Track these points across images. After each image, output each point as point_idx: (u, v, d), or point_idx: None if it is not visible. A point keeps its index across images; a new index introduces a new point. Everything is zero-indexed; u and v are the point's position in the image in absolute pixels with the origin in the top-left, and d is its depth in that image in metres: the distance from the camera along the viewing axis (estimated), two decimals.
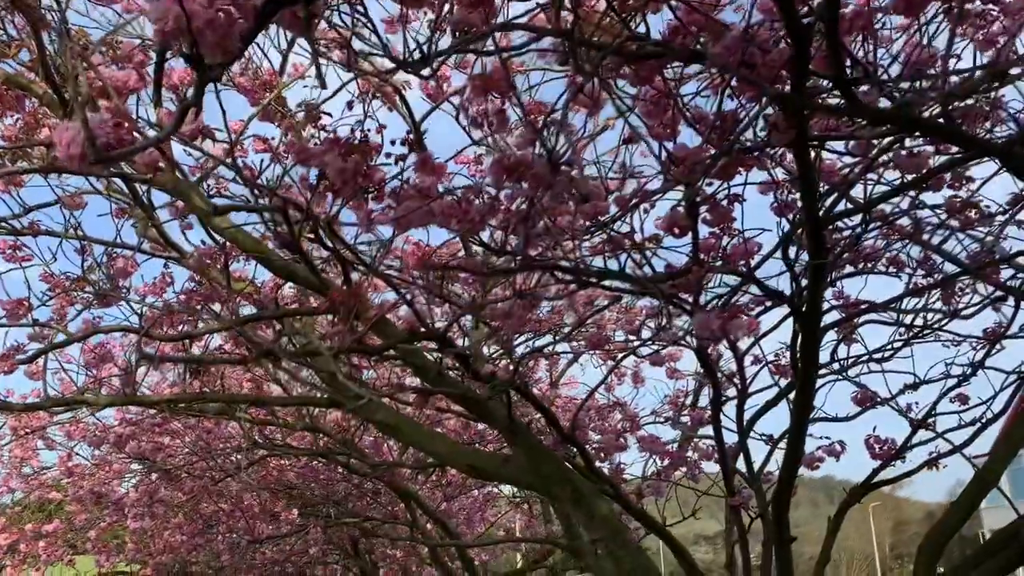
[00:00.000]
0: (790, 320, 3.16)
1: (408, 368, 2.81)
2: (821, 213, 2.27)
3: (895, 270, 3.04)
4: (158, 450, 4.71)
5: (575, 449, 2.93)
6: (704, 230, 2.20)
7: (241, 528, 5.46)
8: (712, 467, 4.02)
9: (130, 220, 3.66)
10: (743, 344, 3.35)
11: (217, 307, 3.45)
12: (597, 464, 3.30)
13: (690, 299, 2.58)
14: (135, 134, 1.37)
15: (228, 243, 2.78)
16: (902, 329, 3.33)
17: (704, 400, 5.03)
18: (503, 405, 2.92)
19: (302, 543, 6.84)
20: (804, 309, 2.41)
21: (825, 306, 2.70)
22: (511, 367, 2.57)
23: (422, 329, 2.16)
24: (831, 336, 3.54)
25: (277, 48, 3.07)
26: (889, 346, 3.42)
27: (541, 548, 5.99)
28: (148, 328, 2.81)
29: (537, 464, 2.86)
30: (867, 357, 3.45)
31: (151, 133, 2.43)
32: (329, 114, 1.55)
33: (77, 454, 5.39)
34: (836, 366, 3.49)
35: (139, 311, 3.09)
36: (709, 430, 4.37)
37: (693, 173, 1.93)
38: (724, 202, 2.13)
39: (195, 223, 2.90)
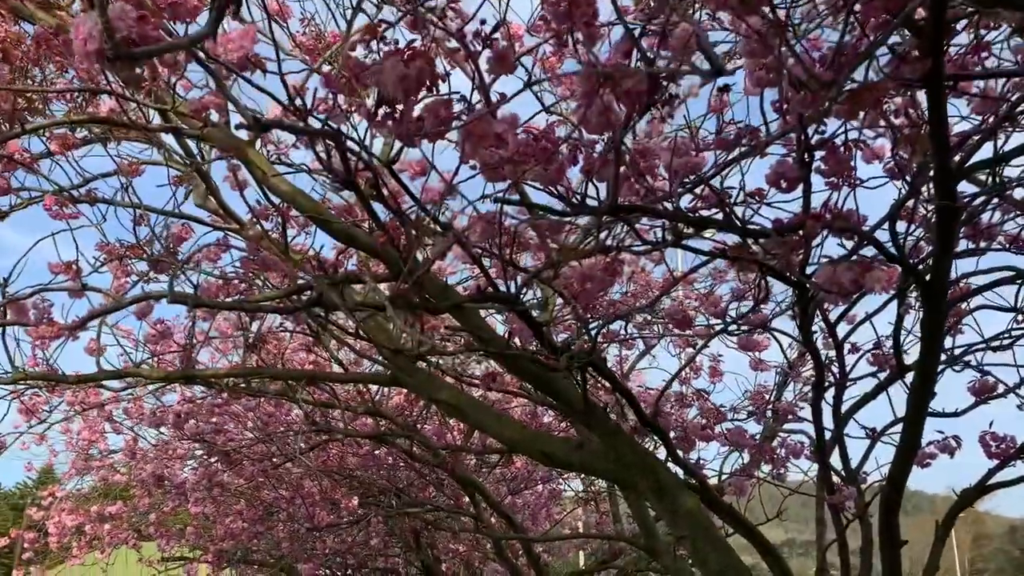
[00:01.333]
0: (893, 304, 2.85)
1: (473, 340, 2.58)
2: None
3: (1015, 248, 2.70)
4: (218, 432, 4.59)
5: (655, 438, 2.65)
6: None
7: (301, 516, 5.31)
8: (796, 467, 3.70)
9: (187, 188, 3.52)
10: (842, 330, 3.04)
11: (275, 279, 3.29)
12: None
13: (787, 272, 2.29)
14: (161, 32, 1.17)
15: (286, 205, 2.58)
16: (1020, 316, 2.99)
17: (789, 395, 4.71)
18: (576, 386, 2.67)
19: (363, 534, 6.69)
20: (928, 277, 2.09)
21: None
22: (587, 341, 2.31)
23: (490, 289, 1.91)
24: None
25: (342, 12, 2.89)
26: (1007, 334, 3.08)
27: (611, 548, 5.71)
28: (200, 297, 2.64)
29: (616, 451, 2.60)
30: (983, 345, 3.11)
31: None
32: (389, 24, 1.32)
33: (142, 436, 5.32)
34: (944, 356, 3.15)
35: (195, 282, 2.93)
36: (796, 425, 4.08)
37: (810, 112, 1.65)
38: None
39: (252, 185, 2.72)
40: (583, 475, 6.09)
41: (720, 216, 1.86)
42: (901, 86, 1.85)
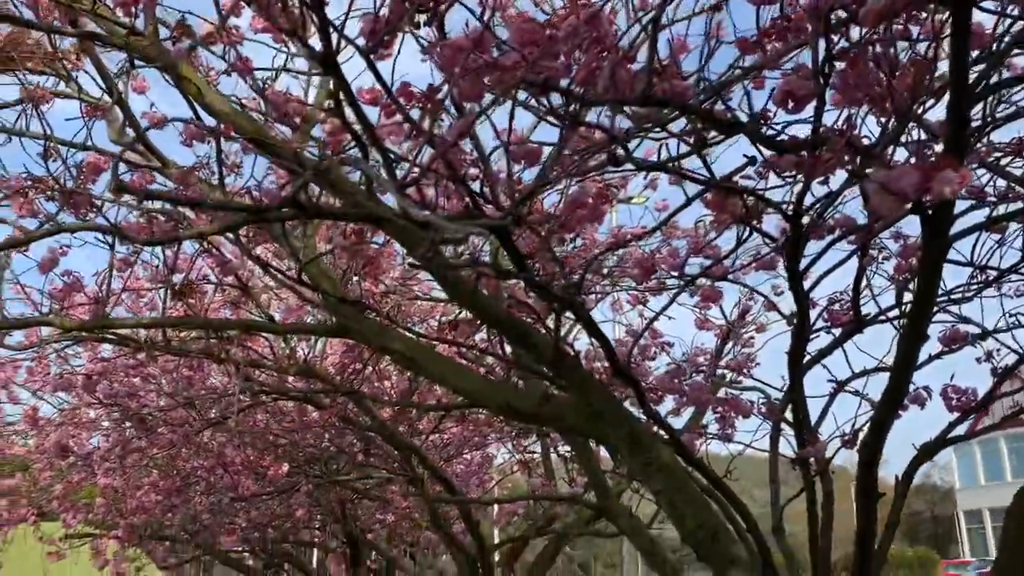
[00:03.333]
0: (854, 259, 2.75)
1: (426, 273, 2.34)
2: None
3: None
4: (132, 395, 4.22)
5: (629, 388, 2.48)
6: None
7: (223, 486, 4.98)
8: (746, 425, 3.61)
9: (103, 121, 3.16)
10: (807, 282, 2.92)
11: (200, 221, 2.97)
12: None
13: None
14: None
15: (223, 125, 2.28)
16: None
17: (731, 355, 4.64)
18: (544, 335, 2.47)
19: (285, 506, 6.38)
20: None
21: None
22: (565, 281, 2.10)
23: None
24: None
25: None
26: (968, 287, 3.04)
27: (547, 512, 5.58)
28: (120, 229, 2.33)
29: (587, 402, 2.42)
30: (945, 297, 3.05)
31: None
32: None
33: (46, 401, 4.88)
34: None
35: (113, 219, 2.60)
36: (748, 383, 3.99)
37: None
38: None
39: (182, 103, 2.40)
40: (518, 438, 5.93)
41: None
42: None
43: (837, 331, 3.21)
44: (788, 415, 3.35)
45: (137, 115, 3.13)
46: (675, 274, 3.56)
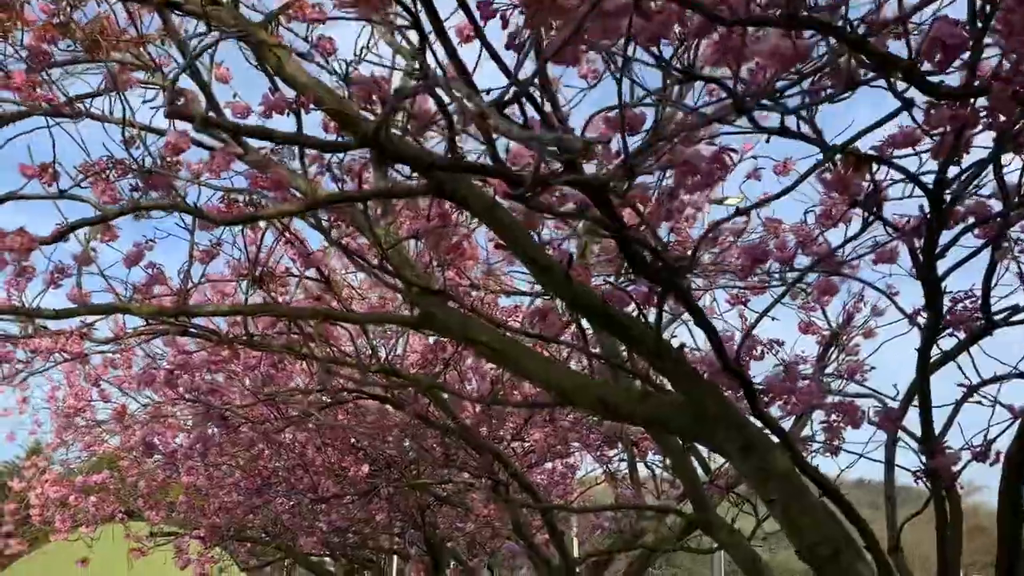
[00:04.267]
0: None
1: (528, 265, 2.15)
2: None
3: None
4: (213, 392, 4.17)
5: (740, 386, 2.24)
6: None
7: (304, 486, 4.89)
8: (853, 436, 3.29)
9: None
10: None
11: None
12: None
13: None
14: None
15: (303, 97, 2.14)
16: None
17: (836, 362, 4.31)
18: (645, 325, 2.26)
19: (365, 511, 6.28)
20: None
21: None
22: (671, 260, 1.88)
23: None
24: None
25: None
26: None
27: (631, 527, 5.31)
28: (199, 209, 2.21)
29: (694, 402, 2.19)
30: None
31: None
32: None
33: (131, 397, 4.89)
34: None
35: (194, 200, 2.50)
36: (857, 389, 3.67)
37: None
38: None
39: (262, 78, 2.28)
40: (602, 448, 5.68)
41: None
42: None
43: (961, 334, 2.91)
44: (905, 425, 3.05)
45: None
46: (779, 269, 3.30)
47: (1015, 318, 2.79)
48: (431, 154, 1.66)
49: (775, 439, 2.32)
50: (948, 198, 1.92)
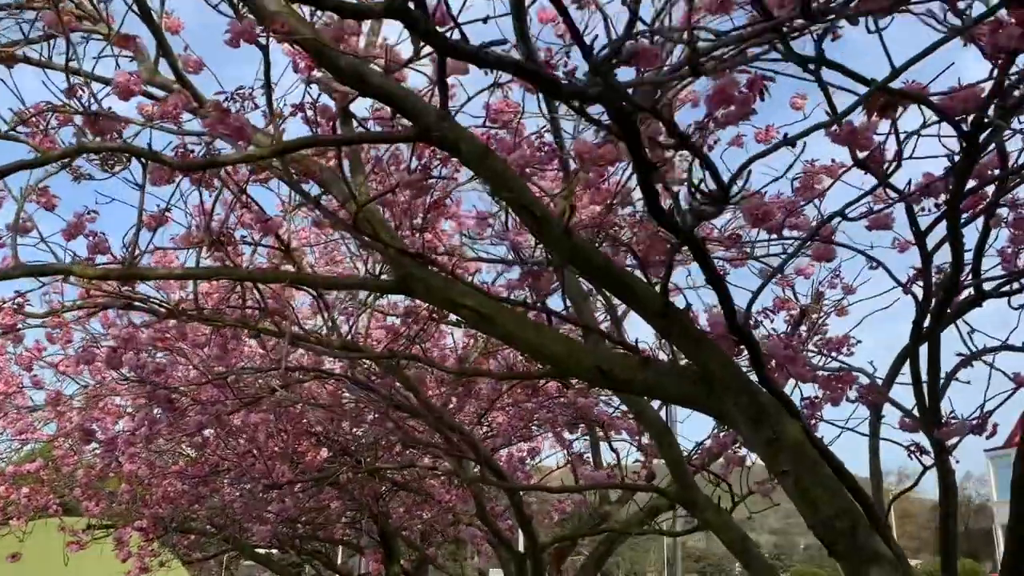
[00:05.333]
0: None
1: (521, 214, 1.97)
2: None
3: None
4: (159, 372, 3.88)
5: (747, 350, 2.09)
6: None
7: (257, 472, 4.61)
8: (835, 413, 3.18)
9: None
10: None
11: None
12: None
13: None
14: None
15: (273, 28, 1.91)
16: None
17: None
18: (649, 286, 2.09)
19: (315, 500, 6.01)
20: None
21: None
22: (705, 195, 1.71)
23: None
24: None
25: None
26: None
27: (598, 511, 5.17)
28: (153, 152, 1.97)
29: (702, 366, 2.03)
30: None
31: None
32: None
33: (67, 376, 4.55)
34: None
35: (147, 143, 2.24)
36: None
37: None
38: None
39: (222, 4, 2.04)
40: (561, 432, 5.51)
41: None
42: None
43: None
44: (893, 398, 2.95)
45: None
46: (767, 238, 3.17)
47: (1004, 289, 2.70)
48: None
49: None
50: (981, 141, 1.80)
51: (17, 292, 2.98)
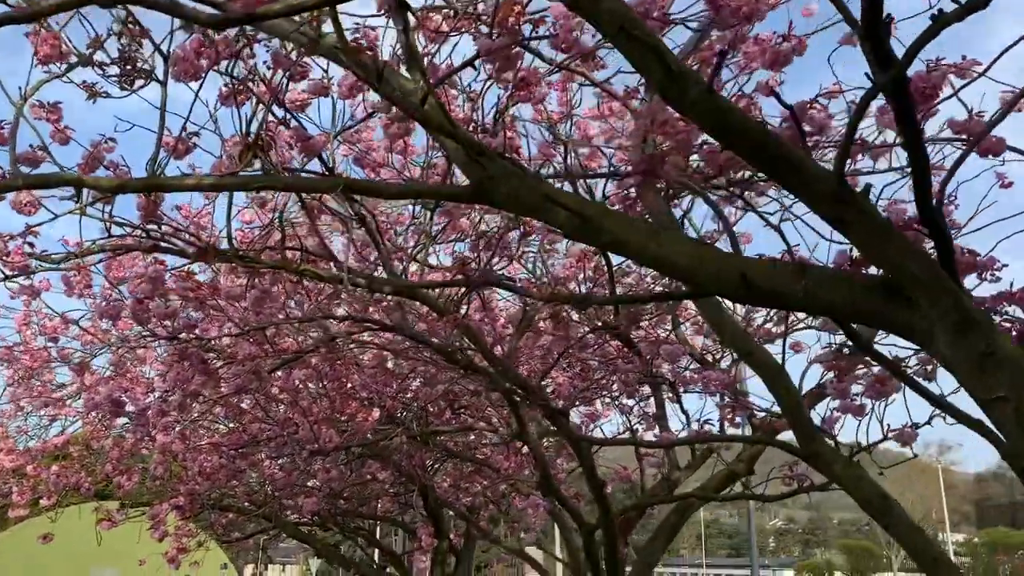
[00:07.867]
0: None
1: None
2: None
3: None
4: (191, 327, 3.48)
5: (937, 244, 1.62)
6: None
7: (303, 437, 4.18)
8: None
9: None
10: None
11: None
12: None
13: None
14: None
15: None
16: None
17: None
18: (822, 167, 1.63)
19: (359, 474, 5.60)
20: None
21: None
22: None
23: None
24: None
25: None
26: None
27: (719, 473, 4.63)
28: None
29: (889, 263, 1.57)
30: None
31: None
32: None
33: (95, 338, 4.17)
34: None
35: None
36: None
37: None
38: None
39: None
40: (626, 392, 5.05)
41: None
42: None
43: None
44: None
45: None
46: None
47: None
48: None
49: None
50: None
51: (28, 226, 2.58)
